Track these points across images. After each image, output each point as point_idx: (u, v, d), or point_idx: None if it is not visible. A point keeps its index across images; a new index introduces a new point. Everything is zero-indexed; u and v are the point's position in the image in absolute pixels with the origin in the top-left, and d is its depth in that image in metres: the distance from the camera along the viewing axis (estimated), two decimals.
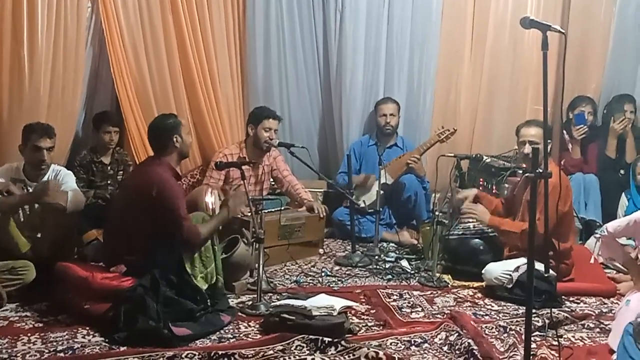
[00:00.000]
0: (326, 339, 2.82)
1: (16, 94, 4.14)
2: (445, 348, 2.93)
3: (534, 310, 3.09)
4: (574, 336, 3.15)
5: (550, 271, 3.44)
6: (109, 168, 4.50)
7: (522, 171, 4.43)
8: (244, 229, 3.90)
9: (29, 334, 2.93)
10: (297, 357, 2.73)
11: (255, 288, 3.43)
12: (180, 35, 4.70)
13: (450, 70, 5.56)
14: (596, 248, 3.41)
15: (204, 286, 3.23)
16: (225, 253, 3.62)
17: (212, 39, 4.85)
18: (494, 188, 4.68)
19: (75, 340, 2.89)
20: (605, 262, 3.95)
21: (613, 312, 3.36)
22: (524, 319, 2.60)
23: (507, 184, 4.53)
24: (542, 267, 3.02)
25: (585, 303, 3.68)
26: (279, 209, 4.31)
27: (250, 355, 2.72)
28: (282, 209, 4.35)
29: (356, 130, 5.45)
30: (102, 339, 2.90)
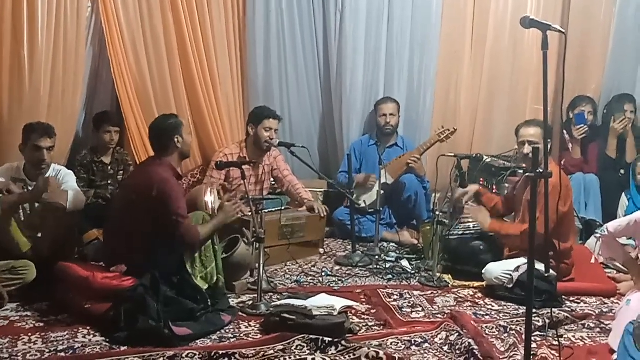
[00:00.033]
0: (327, 339, 2.83)
1: (16, 94, 4.14)
2: (445, 348, 2.93)
3: (534, 310, 3.08)
4: (574, 336, 3.15)
5: (551, 271, 3.45)
6: (109, 168, 4.49)
7: (523, 171, 4.43)
8: (244, 229, 3.90)
9: (29, 334, 2.93)
10: (298, 357, 2.73)
11: (256, 288, 3.43)
12: (180, 35, 4.71)
13: (451, 70, 5.56)
14: (596, 248, 3.41)
15: (204, 286, 3.23)
16: (225, 253, 3.62)
17: (213, 39, 4.85)
18: (494, 188, 4.68)
19: (76, 340, 2.89)
20: (606, 262, 3.95)
21: (613, 312, 3.36)
22: (524, 318, 2.60)
23: (508, 184, 4.53)
24: (543, 267, 3.03)
25: (585, 303, 3.68)
26: (279, 209, 4.31)
27: (250, 355, 2.72)
28: (283, 208, 4.36)
29: (356, 130, 5.45)
30: (103, 338, 2.90)
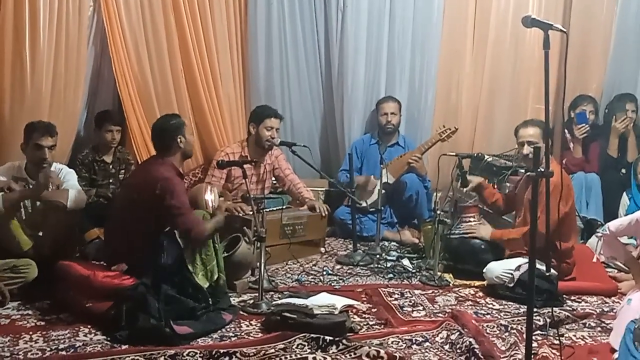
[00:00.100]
0: (327, 338, 2.83)
1: (18, 93, 4.15)
2: (446, 347, 2.93)
3: (535, 309, 3.08)
4: (575, 335, 3.15)
5: (552, 270, 3.44)
6: (110, 167, 4.50)
7: (524, 170, 4.43)
8: (245, 228, 3.91)
9: (30, 332, 2.94)
10: (299, 356, 2.73)
11: (257, 287, 3.43)
12: (182, 35, 4.71)
13: (452, 69, 5.55)
14: (598, 247, 3.42)
15: (205, 284, 3.23)
16: (226, 252, 3.62)
17: (214, 38, 4.86)
18: (495, 187, 4.67)
19: (76, 338, 2.90)
20: (607, 261, 3.94)
21: (614, 311, 3.36)
22: (525, 317, 2.60)
23: (509, 183, 4.52)
24: (544, 266, 3.02)
25: (586, 302, 3.68)
26: (280, 208, 4.30)
27: (251, 354, 2.72)
28: (284, 207, 4.35)
29: (358, 130, 5.45)
30: (104, 337, 2.91)
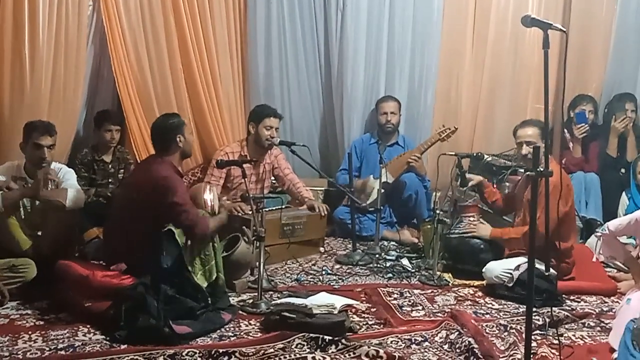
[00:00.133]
0: (327, 337, 2.83)
1: (17, 92, 4.14)
2: (445, 346, 2.93)
3: (534, 309, 3.09)
4: (574, 335, 3.15)
5: (551, 270, 3.44)
6: (110, 166, 4.49)
7: (524, 170, 4.43)
8: (244, 227, 3.90)
9: (29, 332, 2.94)
10: (298, 356, 2.73)
11: (256, 286, 3.43)
12: (181, 34, 4.70)
13: (451, 69, 5.55)
14: (597, 247, 3.42)
15: (204, 284, 3.23)
16: (226, 251, 3.62)
17: (214, 37, 4.85)
18: (495, 187, 4.67)
19: (76, 338, 2.90)
20: (606, 261, 3.93)
21: (614, 311, 3.36)
22: (524, 317, 2.60)
23: (508, 183, 4.53)
24: (543, 266, 3.02)
25: (585, 302, 3.68)
26: (280, 208, 4.30)
27: (250, 354, 2.72)
28: (283, 207, 4.35)
29: (357, 129, 5.45)
30: (103, 337, 2.91)
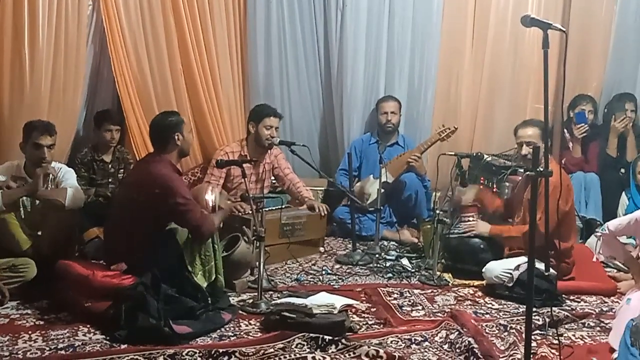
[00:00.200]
0: (327, 337, 2.83)
1: (17, 92, 4.14)
2: (445, 346, 2.93)
3: (534, 309, 3.09)
4: (574, 335, 3.15)
5: (551, 270, 3.44)
6: (110, 166, 4.49)
7: (523, 170, 4.43)
8: (244, 227, 3.91)
9: (29, 332, 2.94)
10: (298, 355, 2.73)
11: (256, 286, 3.43)
12: (181, 34, 4.70)
13: (451, 68, 5.55)
14: (597, 247, 3.42)
15: (204, 284, 3.23)
16: (226, 251, 3.62)
17: (213, 37, 4.85)
18: (494, 187, 4.67)
19: (76, 338, 2.90)
20: (606, 261, 3.95)
21: (613, 311, 3.36)
22: (524, 317, 2.60)
23: (508, 183, 4.52)
24: (543, 266, 3.02)
25: (585, 302, 3.68)
26: (279, 207, 4.30)
27: (250, 353, 2.72)
28: (283, 207, 4.34)
29: (357, 129, 5.45)
30: (103, 336, 2.91)
